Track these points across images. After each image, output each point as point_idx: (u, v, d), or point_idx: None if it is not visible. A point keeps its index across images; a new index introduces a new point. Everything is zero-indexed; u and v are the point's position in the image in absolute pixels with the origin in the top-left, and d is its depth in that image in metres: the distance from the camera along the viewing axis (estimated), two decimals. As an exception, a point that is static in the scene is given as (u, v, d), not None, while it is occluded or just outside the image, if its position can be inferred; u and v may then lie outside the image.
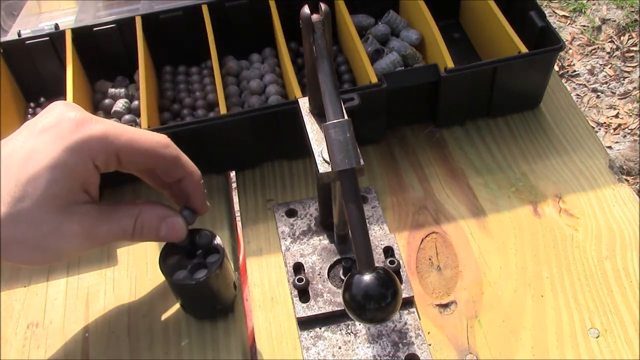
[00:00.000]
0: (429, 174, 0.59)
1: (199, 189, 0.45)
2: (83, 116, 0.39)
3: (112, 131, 0.39)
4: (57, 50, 0.65)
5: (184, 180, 0.44)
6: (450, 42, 0.63)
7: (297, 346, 0.48)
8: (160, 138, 0.42)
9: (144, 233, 0.42)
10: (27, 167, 0.37)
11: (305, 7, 0.39)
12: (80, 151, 0.38)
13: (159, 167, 0.43)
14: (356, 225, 0.38)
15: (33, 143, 0.38)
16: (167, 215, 0.43)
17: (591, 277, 0.50)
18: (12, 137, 0.40)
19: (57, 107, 0.40)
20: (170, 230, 0.43)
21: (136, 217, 0.41)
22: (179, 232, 0.43)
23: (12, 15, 0.73)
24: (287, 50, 0.62)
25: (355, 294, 0.38)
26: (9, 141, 0.39)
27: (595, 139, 0.61)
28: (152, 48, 0.67)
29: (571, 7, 2.00)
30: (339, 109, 0.39)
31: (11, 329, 0.51)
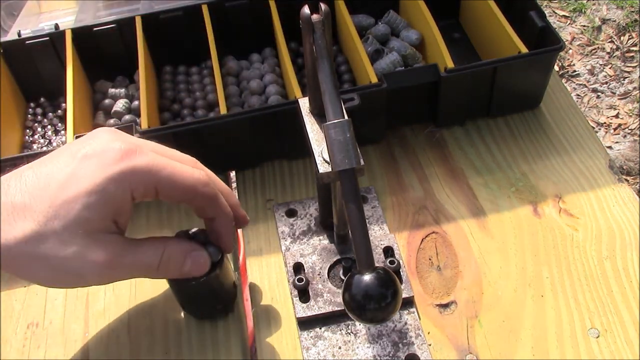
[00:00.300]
0: (429, 174, 0.59)
1: (230, 230, 0.45)
2: (128, 147, 0.39)
3: (155, 165, 0.39)
4: (57, 50, 0.65)
5: (217, 219, 0.44)
6: (450, 42, 0.63)
7: (297, 346, 0.48)
8: (201, 176, 0.42)
9: (170, 267, 0.42)
10: (65, 190, 0.38)
11: (305, 7, 0.40)
12: (121, 181, 0.38)
13: (195, 204, 0.43)
14: (356, 225, 0.38)
15: (75, 168, 0.38)
16: (192, 249, 0.43)
17: (591, 277, 0.50)
18: (53, 158, 0.40)
19: (102, 135, 0.40)
20: (195, 265, 0.43)
21: (162, 250, 0.41)
22: (202, 267, 0.44)
23: (12, 15, 0.73)
24: (287, 50, 0.62)
25: (355, 294, 0.38)
26: (49, 161, 0.40)
27: (595, 139, 0.61)
28: (152, 48, 0.67)
29: (571, 7, 2.00)
30: (339, 109, 0.39)
31: (11, 329, 0.51)
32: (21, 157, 0.54)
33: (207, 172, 0.43)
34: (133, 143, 0.40)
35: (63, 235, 0.38)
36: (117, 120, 0.65)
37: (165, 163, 0.40)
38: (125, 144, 0.39)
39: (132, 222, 0.57)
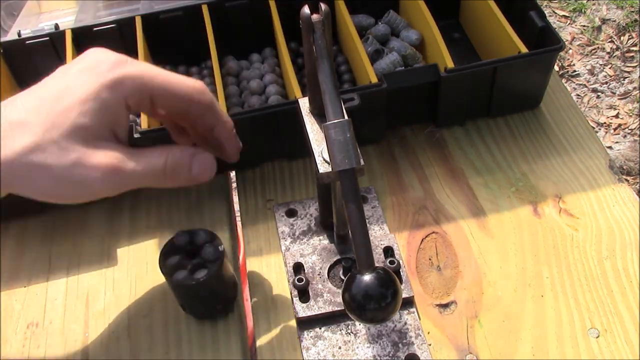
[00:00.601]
0: (429, 174, 0.59)
1: (232, 136, 0.44)
2: (120, 57, 0.39)
3: (148, 72, 0.39)
4: (57, 50, 0.65)
5: (217, 127, 0.43)
6: (450, 42, 0.63)
7: (297, 346, 0.48)
8: (196, 84, 0.41)
9: (177, 172, 0.40)
10: (60, 101, 0.38)
11: (305, 7, 0.40)
12: (114, 88, 0.38)
13: (193, 113, 0.42)
14: (356, 225, 0.38)
15: (69, 81, 0.39)
16: (197, 152, 0.41)
17: (591, 277, 0.50)
18: (46, 80, 0.40)
19: (94, 52, 0.41)
20: (203, 167, 0.41)
21: (167, 154, 0.40)
22: (210, 168, 0.42)
23: (12, 15, 0.73)
24: (287, 50, 0.62)
25: (355, 294, 0.38)
26: (43, 83, 0.40)
27: (595, 139, 0.61)
28: (152, 48, 0.67)
29: (571, 7, 2.00)
30: (339, 109, 0.39)
31: (11, 329, 0.51)
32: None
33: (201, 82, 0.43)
34: (125, 55, 0.40)
35: (62, 143, 0.37)
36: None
37: (159, 72, 0.40)
38: (117, 56, 0.40)
39: (132, 222, 0.57)
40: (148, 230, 0.57)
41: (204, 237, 0.46)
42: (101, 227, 0.58)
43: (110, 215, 0.58)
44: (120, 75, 0.38)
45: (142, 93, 0.39)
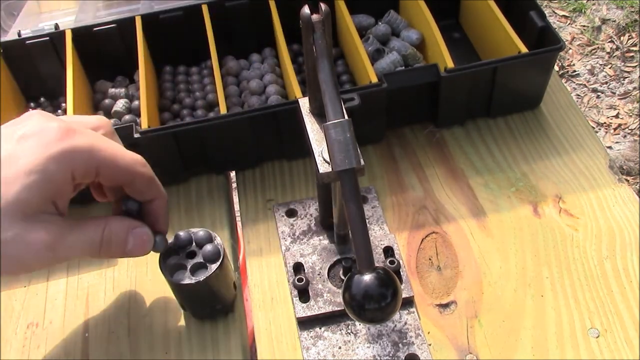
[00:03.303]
0: (429, 174, 0.59)
1: (166, 211, 0.45)
2: (67, 126, 0.38)
3: (96, 145, 0.39)
4: (57, 50, 0.65)
5: (155, 201, 0.44)
6: (450, 42, 0.63)
7: (297, 346, 0.48)
8: (139, 157, 0.42)
9: (112, 245, 0.41)
10: (3, 171, 0.36)
11: (305, 7, 0.39)
12: (62, 160, 0.37)
13: (134, 185, 0.42)
14: (356, 225, 0.38)
15: (12, 148, 0.37)
16: (134, 225, 0.42)
17: (591, 277, 0.50)
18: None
19: (36, 116, 0.39)
20: (138, 241, 0.42)
21: (103, 227, 0.41)
22: (145, 245, 0.43)
23: (12, 15, 0.73)
24: (287, 50, 0.62)
25: (355, 294, 0.38)
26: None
27: (595, 139, 0.61)
28: (152, 48, 0.67)
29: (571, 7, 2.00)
30: (339, 109, 0.39)
31: (11, 329, 0.51)
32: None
33: None
34: (69, 123, 0.39)
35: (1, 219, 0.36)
36: (117, 120, 0.65)
37: (106, 144, 0.40)
38: (63, 123, 0.38)
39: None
40: (148, 230, 0.57)
41: (204, 237, 0.46)
42: (101, 227, 0.57)
43: (110, 215, 0.58)
44: (69, 147, 0.37)
45: (89, 166, 0.39)
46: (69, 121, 0.40)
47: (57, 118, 0.40)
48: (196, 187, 0.60)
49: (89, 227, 0.40)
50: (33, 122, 0.39)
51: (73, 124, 0.40)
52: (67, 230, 0.39)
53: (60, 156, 0.37)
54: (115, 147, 0.41)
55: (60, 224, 0.39)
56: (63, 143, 0.37)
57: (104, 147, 0.40)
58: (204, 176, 0.61)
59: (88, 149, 0.38)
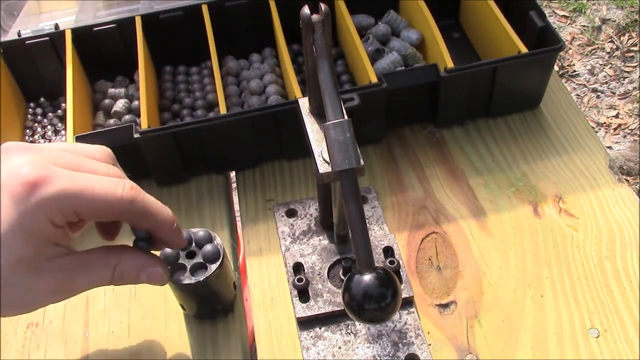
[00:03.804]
0: (429, 174, 0.59)
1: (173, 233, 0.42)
2: (37, 173, 0.36)
3: (72, 190, 0.37)
4: (57, 50, 0.65)
5: (155, 230, 0.41)
6: (450, 42, 0.63)
7: (297, 346, 0.48)
8: (124, 193, 0.38)
9: (124, 281, 0.41)
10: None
11: (305, 7, 0.39)
12: (37, 214, 0.36)
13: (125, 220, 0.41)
14: (356, 225, 0.38)
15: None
16: (146, 264, 0.41)
17: (591, 277, 0.50)
18: None
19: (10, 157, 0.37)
20: (150, 279, 0.42)
21: (114, 266, 0.40)
22: (158, 281, 0.42)
23: (12, 15, 0.73)
24: (287, 50, 0.62)
25: (355, 294, 0.38)
26: None
27: (595, 139, 0.61)
28: (152, 48, 0.67)
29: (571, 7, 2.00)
30: (339, 109, 0.39)
31: (11, 329, 0.51)
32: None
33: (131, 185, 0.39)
34: (43, 166, 0.37)
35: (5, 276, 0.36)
36: (117, 120, 0.65)
37: (82, 186, 0.37)
38: (34, 168, 0.36)
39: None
40: (148, 230, 0.57)
41: (204, 237, 0.46)
42: (101, 227, 0.58)
43: (110, 215, 0.58)
44: (42, 199, 0.36)
45: (65, 212, 0.37)
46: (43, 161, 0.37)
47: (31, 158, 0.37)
48: (196, 187, 0.60)
49: (99, 266, 0.40)
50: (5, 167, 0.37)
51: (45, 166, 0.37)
52: (76, 272, 0.39)
53: (33, 210, 0.36)
54: (95, 187, 0.37)
55: (69, 266, 0.39)
56: (35, 195, 0.36)
57: (80, 190, 0.37)
58: (204, 176, 0.61)
59: (63, 196, 0.36)
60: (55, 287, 0.38)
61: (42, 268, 0.37)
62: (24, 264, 0.37)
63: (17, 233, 0.36)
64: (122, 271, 0.40)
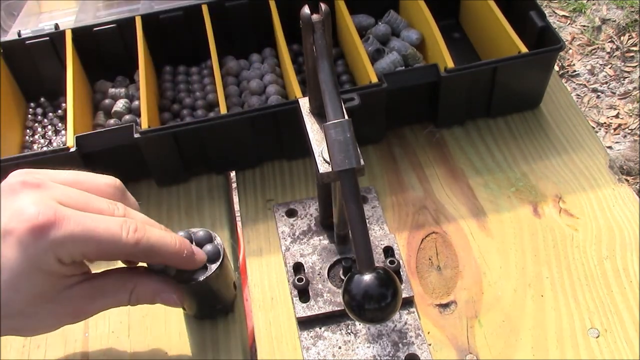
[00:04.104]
0: (429, 174, 0.59)
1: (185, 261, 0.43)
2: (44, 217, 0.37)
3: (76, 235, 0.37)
4: (57, 50, 0.65)
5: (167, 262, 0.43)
6: (450, 42, 0.63)
7: (297, 346, 0.48)
8: (130, 237, 0.39)
9: (140, 303, 0.43)
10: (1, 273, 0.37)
11: (305, 7, 0.39)
12: (45, 256, 0.37)
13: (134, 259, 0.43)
14: (356, 225, 0.38)
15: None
16: (161, 290, 0.42)
17: (591, 277, 0.50)
18: None
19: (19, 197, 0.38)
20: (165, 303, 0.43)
21: (131, 290, 0.41)
22: (173, 305, 0.43)
23: (12, 15, 0.73)
24: (287, 50, 0.62)
25: (355, 294, 0.38)
26: None
27: (595, 139, 0.61)
28: (152, 48, 0.67)
29: (571, 7, 2.00)
30: (339, 109, 0.39)
31: (11, 329, 0.51)
32: (21, 157, 0.54)
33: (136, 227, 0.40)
34: (50, 207, 0.37)
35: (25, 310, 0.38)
36: (117, 120, 0.65)
37: (89, 230, 0.38)
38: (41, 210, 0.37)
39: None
40: (148, 230, 0.57)
41: (204, 237, 0.46)
42: (101, 227, 0.57)
43: (110, 215, 0.58)
44: (48, 243, 0.37)
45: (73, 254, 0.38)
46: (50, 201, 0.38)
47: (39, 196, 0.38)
48: (196, 187, 0.60)
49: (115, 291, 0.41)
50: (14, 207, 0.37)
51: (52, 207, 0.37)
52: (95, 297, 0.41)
53: (41, 254, 0.37)
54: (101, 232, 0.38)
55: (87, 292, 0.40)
56: (41, 240, 0.37)
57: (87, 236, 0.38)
58: (204, 176, 0.61)
59: (70, 240, 0.37)
60: (73, 311, 0.40)
61: (58, 298, 0.39)
62: (39, 297, 0.38)
63: (28, 273, 0.37)
64: (138, 294, 0.42)
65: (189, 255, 0.43)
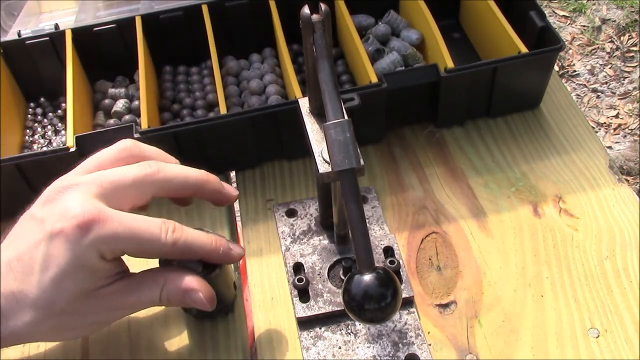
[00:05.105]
0: (429, 174, 0.59)
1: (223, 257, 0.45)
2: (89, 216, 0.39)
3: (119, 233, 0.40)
4: (57, 50, 0.65)
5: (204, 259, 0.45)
6: (450, 42, 0.63)
7: (297, 346, 0.48)
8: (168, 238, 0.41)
9: (171, 303, 0.43)
10: (48, 272, 0.39)
11: (305, 7, 0.40)
12: (90, 253, 0.39)
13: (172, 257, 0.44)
14: (356, 225, 0.38)
15: (46, 249, 0.39)
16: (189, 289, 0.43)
17: (591, 277, 0.50)
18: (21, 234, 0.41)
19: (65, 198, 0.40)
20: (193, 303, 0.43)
21: (162, 286, 0.43)
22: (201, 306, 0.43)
23: (12, 15, 0.73)
24: (287, 50, 0.62)
25: (355, 294, 0.38)
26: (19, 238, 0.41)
27: (595, 139, 0.61)
28: (152, 48, 0.67)
29: (571, 7, 2.00)
30: (339, 109, 0.39)
31: (11, 329, 0.51)
32: (21, 157, 0.54)
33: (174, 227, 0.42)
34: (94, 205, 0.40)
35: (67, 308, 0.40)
36: (117, 120, 0.65)
37: (130, 229, 0.40)
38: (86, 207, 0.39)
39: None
40: (148, 230, 0.57)
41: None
42: (101, 227, 0.57)
43: (110, 215, 0.58)
44: (92, 240, 0.39)
45: (114, 251, 0.41)
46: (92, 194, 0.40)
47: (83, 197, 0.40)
48: (196, 187, 0.60)
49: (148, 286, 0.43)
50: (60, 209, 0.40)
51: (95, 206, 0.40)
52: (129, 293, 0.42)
53: (87, 251, 0.39)
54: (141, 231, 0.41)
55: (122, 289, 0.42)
56: (87, 238, 0.39)
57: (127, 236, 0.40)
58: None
59: (109, 238, 0.40)
60: (109, 307, 0.42)
61: (97, 294, 0.41)
62: (81, 294, 0.40)
63: (73, 271, 0.39)
64: (168, 292, 0.43)
65: (225, 251, 0.44)
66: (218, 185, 0.47)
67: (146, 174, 0.43)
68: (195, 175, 0.46)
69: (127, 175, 0.42)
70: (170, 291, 0.43)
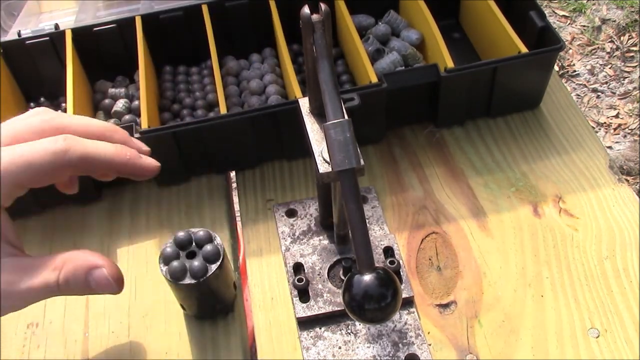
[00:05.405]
0: (429, 174, 0.59)
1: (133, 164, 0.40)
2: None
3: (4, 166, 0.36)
4: (57, 50, 0.65)
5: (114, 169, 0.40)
6: (450, 42, 0.63)
7: (297, 346, 0.48)
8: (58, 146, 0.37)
9: (71, 286, 0.38)
10: None
11: (305, 7, 0.40)
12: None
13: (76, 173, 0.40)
14: (356, 225, 0.38)
15: None
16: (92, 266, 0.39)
17: (591, 277, 0.50)
18: None
19: None
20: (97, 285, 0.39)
21: (59, 271, 0.38)
22: (107, 286, 0.39)
23: (12, 15, 0.73)
24: (287, 50, 0.62)
25: (355, 294, 0.38)
26: None
27: (595, 139, 0.61)
28: (152, 48, 0.67)
29: (571, 7, 2.00)
30: (339, 109, 0.39)
31: (11, 329, 0.51)
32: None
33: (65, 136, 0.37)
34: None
35: None
36: (117, 120, 0.65)
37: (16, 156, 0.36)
38: None
39: (132, 222, 0.57)
40: (148, 230, 0.57)
41: (204, 237, 0.46)
42: (101, 227, 0.58)
43: (110, 215, 0.58)
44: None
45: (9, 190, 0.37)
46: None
47: None
48: (196, 187, 0.60)
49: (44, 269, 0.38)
50: None
51: None
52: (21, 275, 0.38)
53: None
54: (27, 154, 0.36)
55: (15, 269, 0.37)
56: None
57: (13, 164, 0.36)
58: (204, 176, 0.61)
59: None
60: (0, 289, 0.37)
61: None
62: None
63: None
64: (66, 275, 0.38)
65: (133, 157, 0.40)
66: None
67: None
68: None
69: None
70: (69, 271, 0.38)
